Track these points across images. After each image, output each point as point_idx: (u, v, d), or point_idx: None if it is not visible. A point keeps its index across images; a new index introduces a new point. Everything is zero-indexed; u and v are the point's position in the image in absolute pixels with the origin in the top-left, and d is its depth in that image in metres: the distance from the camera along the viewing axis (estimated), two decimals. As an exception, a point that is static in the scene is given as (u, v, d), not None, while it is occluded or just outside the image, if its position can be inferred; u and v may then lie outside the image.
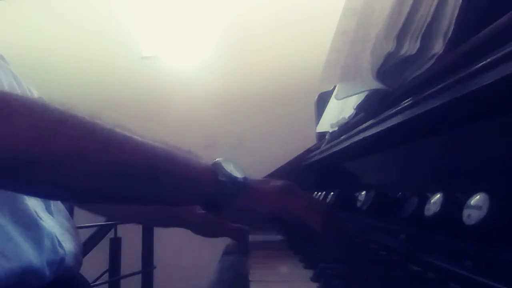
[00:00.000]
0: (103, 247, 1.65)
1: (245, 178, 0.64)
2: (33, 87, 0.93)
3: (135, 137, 0.58)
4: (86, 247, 1.45)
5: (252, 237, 0.83)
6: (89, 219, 1.38)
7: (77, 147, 0.53)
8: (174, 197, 0.63)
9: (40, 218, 0.71)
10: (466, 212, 0.38)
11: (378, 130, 0.59)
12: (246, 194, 0.63)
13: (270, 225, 0.73)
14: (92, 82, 2.54)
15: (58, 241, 0.75)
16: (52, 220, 0.76)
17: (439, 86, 0.43)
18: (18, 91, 0.85)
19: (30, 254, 0.68)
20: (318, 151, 0.98)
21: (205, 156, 0.64)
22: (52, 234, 0.73)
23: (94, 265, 0.90)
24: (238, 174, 0.63)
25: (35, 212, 0.71)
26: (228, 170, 0.62)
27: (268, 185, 0.67)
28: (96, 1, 2.73)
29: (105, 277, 1.67)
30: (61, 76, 2.58)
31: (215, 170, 0.62)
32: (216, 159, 0.63)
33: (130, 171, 0.56)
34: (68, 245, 0.76)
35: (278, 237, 0.84)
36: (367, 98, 0.70)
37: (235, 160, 0.65)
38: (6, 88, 0.81)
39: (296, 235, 0.74)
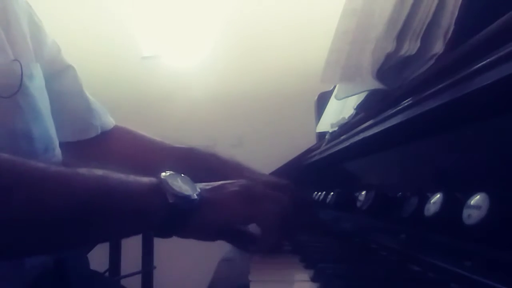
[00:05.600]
0: (103, 247, 1.65)
1: (197, 193, 0.56)
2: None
3: (52, 167, 0.48)
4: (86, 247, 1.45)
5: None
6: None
7: None
8: (116, 233, 0.55)
9: None
10: (466, 212, 0.38)
11: (378, 130, 0.59)
12: (202, 210, 0.55)
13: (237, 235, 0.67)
14: (92, 82, 2.53)
15: None
16: None
17: (439, 86, 0.43)
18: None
19: None
20: (318, 151, 0.98)
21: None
22: None
23: (94, 265, 0.90)
24: (188, 189, 0.55)
25: None
26: (177, 189, 0.53)
27: (225, 191, 0.59)
28: (96, 1, 2.73)
29: (105, 277, 1.67)
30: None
31: (162, 191, 0.53)
32: (162, 175, 0.55)
33: (53, 216, 0.45)
34: None
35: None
36: (367, 98, 0.70)
37: (181, 172, 0.57)
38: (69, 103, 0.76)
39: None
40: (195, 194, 0.55)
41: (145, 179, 0.54)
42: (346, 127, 0.81)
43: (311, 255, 0.58)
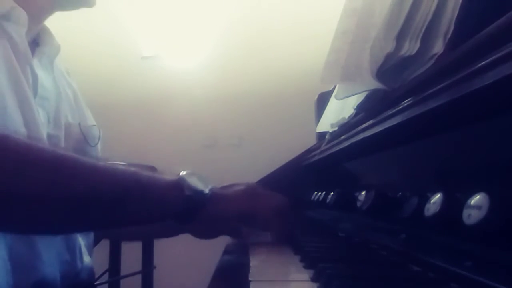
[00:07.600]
0: (103, 247, 1.65)
1: (209, 189, 0.66)
2: (88, 110, 0.98)
3: (101, 163, 0.60)
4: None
5: (252, 237, 0.83)
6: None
7: (46, 183, 0.52)
8: (143, 217, 0.64)
9: None
10: (466, 212, 0.38)
11: (378, 130, 0.59)
12: (212, 203, 0.66)
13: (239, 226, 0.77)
14: (92, 82, 2.53)
15: (80, 253, 0.79)
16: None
17: (439, 86, 0.43)
18: (74, 110, 0.92)
19: (47, 266, 0.71)
20: (318, 151, 0.98)
21: (205, 156, 0.64)
22: (78, 244, 0.77)
23: (94, 265, 0.90)
24: (202, 186, 0.65)
25: None
26: (193, 184, 0.64)
27: (231, 190, 0.72)
28: (96, 1, 2.73)
29: (105, 277, 1.67)
30: (61, 76, 2.57)
31: (181, 185, 0.63)
32: (181, 173, 0.65)
33: (99, 198, 0.57)
34: (87, 258, 0.79)
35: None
36: (367, 98, 0.70)
37: (198, 172, 0.67)
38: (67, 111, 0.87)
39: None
40: (207, 190, 0.66)
41: (168, 176, 0.65)
42: (346, 127, 0.81)
43: (311, 255, 0.58)
